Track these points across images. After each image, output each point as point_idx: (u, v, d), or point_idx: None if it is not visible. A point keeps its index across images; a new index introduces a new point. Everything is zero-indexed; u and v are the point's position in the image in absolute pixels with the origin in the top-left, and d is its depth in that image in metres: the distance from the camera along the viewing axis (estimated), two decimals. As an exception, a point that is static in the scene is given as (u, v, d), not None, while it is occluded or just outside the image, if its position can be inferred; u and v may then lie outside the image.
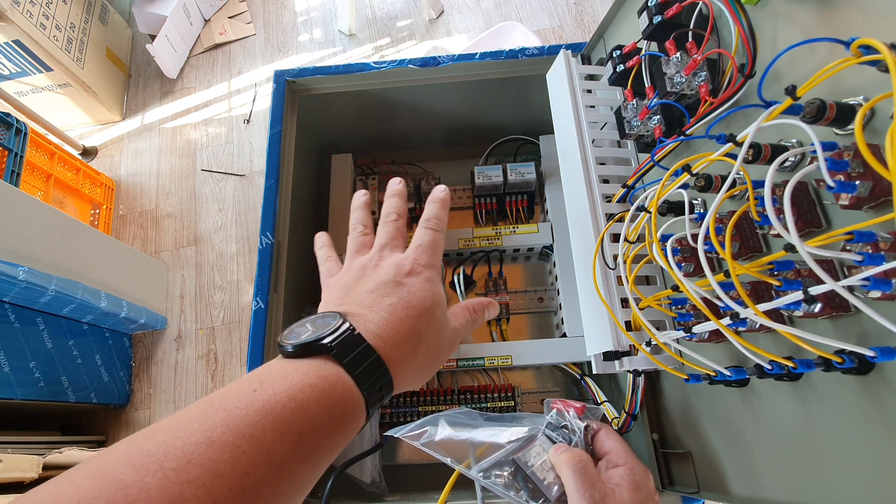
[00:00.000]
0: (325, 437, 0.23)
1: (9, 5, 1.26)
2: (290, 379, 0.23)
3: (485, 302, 0.36)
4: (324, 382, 0.24)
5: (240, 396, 0.22)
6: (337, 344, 0.25)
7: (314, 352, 0.25)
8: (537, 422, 0.45)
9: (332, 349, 0.25)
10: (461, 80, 0.66)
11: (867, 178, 0.24)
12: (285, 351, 0.25)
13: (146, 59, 1.71)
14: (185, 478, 0.19)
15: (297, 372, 0.24)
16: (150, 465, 0.19)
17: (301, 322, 0.27)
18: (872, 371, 0.26)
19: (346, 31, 1.72)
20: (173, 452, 0.19)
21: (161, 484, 0.18)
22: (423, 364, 0.28)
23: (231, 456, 0.20)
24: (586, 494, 0.36)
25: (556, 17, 1.65)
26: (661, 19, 0.38)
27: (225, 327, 1.33)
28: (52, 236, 1.00)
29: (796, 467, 0.33)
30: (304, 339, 0.25)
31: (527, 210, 0.74)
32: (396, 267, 0.30)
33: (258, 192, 1.49)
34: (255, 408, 0.21)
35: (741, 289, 0.28)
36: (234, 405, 0.21)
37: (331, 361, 0.24)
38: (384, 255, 0.31)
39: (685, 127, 0.37)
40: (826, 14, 0.29)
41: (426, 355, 0.28)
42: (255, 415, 0.21)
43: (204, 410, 0.21)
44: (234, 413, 0.21)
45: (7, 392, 0.95)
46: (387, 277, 0.29)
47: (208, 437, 0.20)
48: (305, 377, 0.23)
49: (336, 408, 0.24)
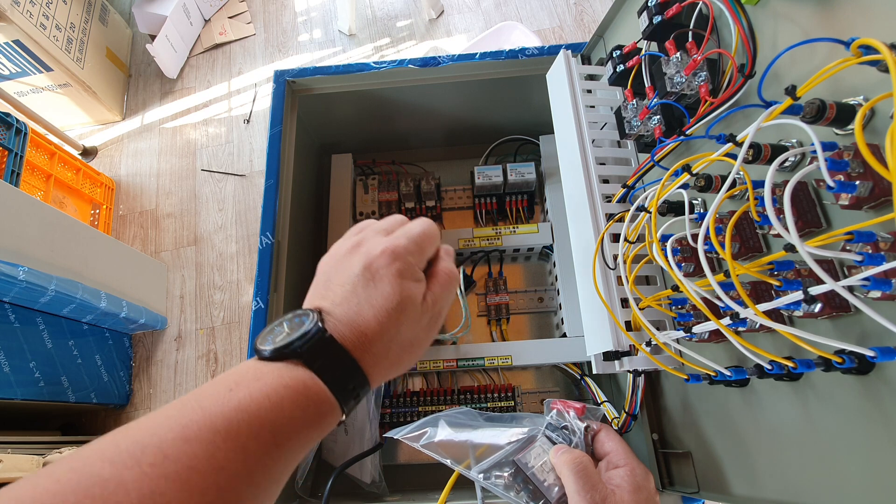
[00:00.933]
0: (298, 434, 0.24)
1: (9, 5, 1.25)
2: (264, 379, 0.24)
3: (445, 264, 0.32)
4: (297, 383, 0.24)
5: (216, 395, 0.23)
6: (308, 349, 0.25)
7: (287, 357, 0.25)
8: (537, 422, 0.45)
9: (302, 356, 0.25)
10: (461, 80, 0.66)
11: (867, 178, 0.24)
12: (261, 355, 0.26)
13: (146, 59, 1.71)
14: (162, 472, 0.19)
15: (272, 373, 0.24)
16: (128, 460, 0.19)
17: (280, 321, 0.27)
18: (872, 371, 0.26)
19: (346, 31, 1.72)
20: (150, 449, 0.20)
21: (137, 478, 0.19)
22: (397, 360, 0.29)
23: (206, 451, 0.20)
24: (587, 496, 0.36)
25: (556, 17, 1.65)
26: (661, 19, 0.38)
27: (225, 327, 1.33)
28: (52, 236, 1.00)
29: (796, 467, 0.33)
30: (279, 344, 0.25)
31: (527, 210, 0.74)
32: (366, 257, 0.29)
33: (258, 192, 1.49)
34: (231, 406, 0.22)
35: (741, 289, 0.28)
36: (210, 404, 0.22)
37: (302, 366, 0.25)
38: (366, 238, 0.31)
39: (685, 127, 0.37)
40: (826, 14, 0.29)
41: (399, 352, 0.29)
42: (230, 412, 0.22)
43: (180, 409, 0.22)
44: (210, 410, 0.22)
45: (7, 392, 0.95)
46: (357, 270, 0.29)
47: (184, 433, 0.21)
48: (279, 378, 0.24)
49: (310, 407, 0.24)
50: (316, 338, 0.26)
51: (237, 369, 0.25)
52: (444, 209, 0.77)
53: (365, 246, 0.30)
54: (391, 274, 0.29)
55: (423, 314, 0.30)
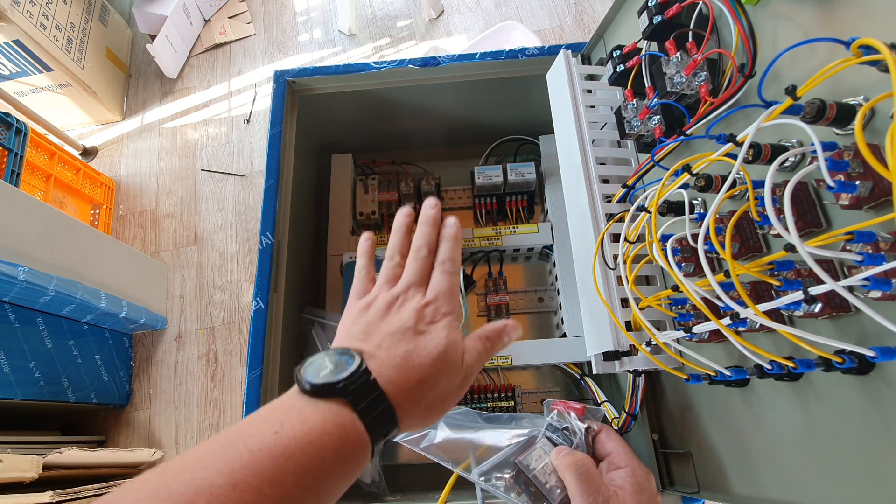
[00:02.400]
0: (336, 480, 0.25)
1: (9, 5, 1.25)
2: (308, 423, 0.25)
3: (499, 327, 0.34)
4: (339, 430, 0.25)
5: (261, 437, 0.23)
6: (353, 390, 0.26)
7: (331, 395, 0.26)
8: (537, 422, 0.45)
9: (348, 395, 0.26)
10: (461, 80, 0.66)
11: (867, 178, 0.24)
12: (303, 388, 0.26)
13: (146, 59, 1.71)
14: None
15: (315, 416, 0.25)
16: None
17: (321, 355, 0.28)
18: (872, 371, 0.26)
19: (346, 31, 1.72)
20: (202, 493, 0.21)
21: None
22: (428, 411, 0.30)
23: (254, 499, 0.21)
24: (590, 499, 0.36)
25: (556, 17, 1.65)
26: (661, 19, 0.38)
27: (225, 327, 1.33)
28: (52, 236, 1.00)
29: (796, 467, 0.33)
30: (323, 380, 0.26)
31: (527, 210, 0.74)
32: (418, 313, 0.31)
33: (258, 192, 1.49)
34: (277, 451, 0.23)
35: (741, 289, 0.28)
36: (257, 447, 0.23)
37: (346, 407, 0.26)
38: (408, 297, 0.32)
39: (685, 127, 0.37)
40: (826, 14, 0.29)
41: (432, 403, 0.30)
42: (276, 458, 0.23)
43: (227, 449, 0.23)
44: (257, 456, 0.23)
45: (7, 392, 0.95)
46: (409, 322, 0.30)
47: (233, 479, 0.21)
48: (323, 424, 0.25)
49: (349, 454, 0.25)
50: (362, 380, 0.26)
51: (281, 404, 0.26)
52: (444, 209, 0.77)
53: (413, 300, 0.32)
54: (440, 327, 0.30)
55: (460, 370, 0.31)
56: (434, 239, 0.36)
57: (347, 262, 0.65)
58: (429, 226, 0.36)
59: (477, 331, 0.34)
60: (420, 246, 0.35)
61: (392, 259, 0.36)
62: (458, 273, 0.35)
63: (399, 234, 0.37)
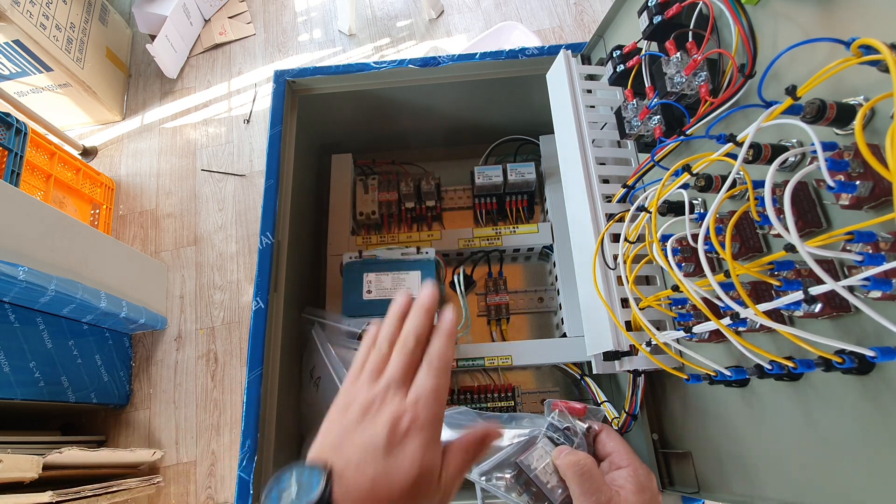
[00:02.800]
0: None
1: (9, 5, 1.25)
2: None
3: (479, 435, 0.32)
4: None
5: None
6: None
7: None
8: (537, 422, 0.45)
9: None
10: (461, 80, 0.66)
11: (867, 178, 0.24)
12: None
13: (146, 59, 1.71)
14: None
15: None
16: None
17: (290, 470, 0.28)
18: (872, 371, 0.26)
19: (346, 31, 1.72)
20: None
21: None
22: None
23: None
24: (591, 498, 0.36)
25: (556, 17, 1.65)
26: (661, 19, 0.38)
27: (225, 327, 1.33)
28: (52, 236, 1.00)
29: (796, 467, 0.33)
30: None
31: (527, 210, 0.74)
32: (392, 425, 0.29)
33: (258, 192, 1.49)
34: None
35: (741, 289, 0.28)
36: None
37: None
38: (387, 400, 0.30)
39: (685, 127, 0.37)
40: (826, 14, 0.29)
41: None
42: None
43: None
44: None
45: (7, 392, 0.95)
46: (380, 439, 0.28)
47: None
48: None
49: None
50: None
51: None
52: (444, 209, 0.77)
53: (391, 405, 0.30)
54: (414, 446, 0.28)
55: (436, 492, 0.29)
56: (425, 330, 0.33)
57: (347, 262, 0.65)
58: (421, 314, 0.33)
59: (456, 441, 0.32)
60: (408, 337, 0.32)
61: (380, 350, 0.33)
62: (447, 373, 0.32)
63: (392, 323, 0.34)
